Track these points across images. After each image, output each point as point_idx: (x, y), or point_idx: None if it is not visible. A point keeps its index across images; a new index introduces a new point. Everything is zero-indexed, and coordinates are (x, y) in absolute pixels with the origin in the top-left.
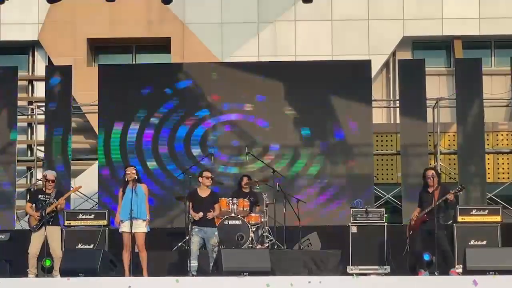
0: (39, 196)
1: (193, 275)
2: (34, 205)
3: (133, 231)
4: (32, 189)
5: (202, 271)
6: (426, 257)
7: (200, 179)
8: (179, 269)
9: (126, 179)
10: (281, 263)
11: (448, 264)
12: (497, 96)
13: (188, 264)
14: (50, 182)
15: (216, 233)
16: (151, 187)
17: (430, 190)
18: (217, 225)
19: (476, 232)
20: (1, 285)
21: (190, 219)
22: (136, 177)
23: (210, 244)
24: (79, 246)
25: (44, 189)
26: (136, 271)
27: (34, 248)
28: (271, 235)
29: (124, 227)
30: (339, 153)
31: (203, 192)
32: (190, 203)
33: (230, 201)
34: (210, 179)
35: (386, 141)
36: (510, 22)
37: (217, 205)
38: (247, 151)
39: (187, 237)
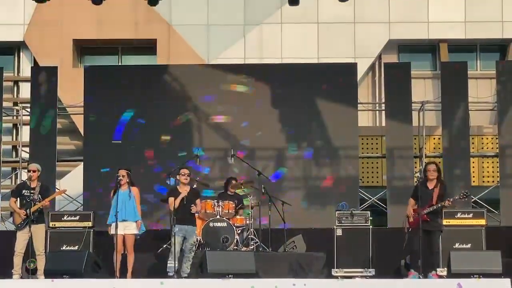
0: (23, 191)
1: (170, 276)
2: (18, 200)
3: (124, 233)
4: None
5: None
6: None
7: (178, 176)
8: (164, 271)
9: (118, 181)
10: (266, 266)
11: (434, 266)
12: (482, 100)
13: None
14: (32, 172)
15: (196, 231)
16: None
17: (430, 186)
18: (202, 226)
19: (460, 236)
20: None
21: (173, 220)
22: (128, 180)
23: (189, 243)
24: (64, 247)
25: (28, 183)
26: (122, 272)
27: (19, 246)
28: (256, 237)
29: (114, 229)
30: (325, 155)
31: (183, 190)
32: (172, 199)
33: (215, 203)
34: (186, 176)
35: (372, 144)
36: (495, 26)
37: (198, 200)
38: (232, 153)
39: (172, 239)
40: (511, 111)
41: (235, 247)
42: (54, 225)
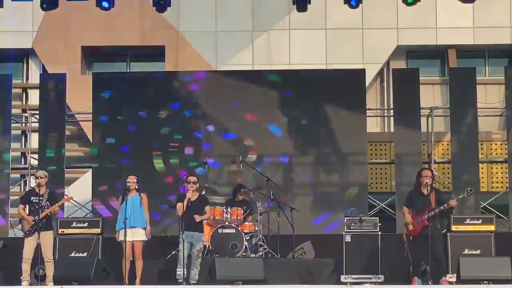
0: (32, 198)
1: (179, 283)
2: (26, 206)
3: (132, 240)
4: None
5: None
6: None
7: (185, 184)
8: (173, 278)
9: (127, 187)
10: (275, 272)
11: (439, 272)
12: (491, 106)
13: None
14: (39, 179)
15: (203, 238)
16: None
17: (425, 191)
18: (211, 232)
19: (470, 241)
20: None
21: (182, 227)
22: (137, 186)
23: (196, 250)
24: (73, 254)
25: (37, 190)
26: (130, 279)
27: (27, 253)
28: (265, 243)
29: (123, 235)
30: (333, 161)
31: (192, 196)
32: (180, 204)
33: (224, 210)
34: (193, 183)
35: (380, 150)
36: (504, 31)
37: (208, 207)
38: (241, 160)
39: (180, 246)
40: None
41: (243, 254)
42: (63, 231)
